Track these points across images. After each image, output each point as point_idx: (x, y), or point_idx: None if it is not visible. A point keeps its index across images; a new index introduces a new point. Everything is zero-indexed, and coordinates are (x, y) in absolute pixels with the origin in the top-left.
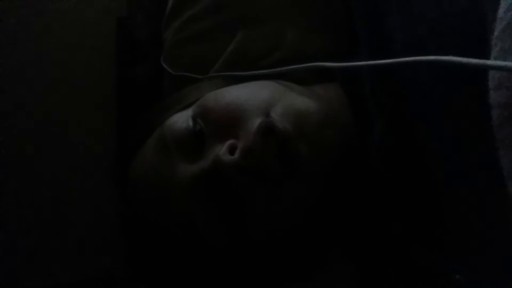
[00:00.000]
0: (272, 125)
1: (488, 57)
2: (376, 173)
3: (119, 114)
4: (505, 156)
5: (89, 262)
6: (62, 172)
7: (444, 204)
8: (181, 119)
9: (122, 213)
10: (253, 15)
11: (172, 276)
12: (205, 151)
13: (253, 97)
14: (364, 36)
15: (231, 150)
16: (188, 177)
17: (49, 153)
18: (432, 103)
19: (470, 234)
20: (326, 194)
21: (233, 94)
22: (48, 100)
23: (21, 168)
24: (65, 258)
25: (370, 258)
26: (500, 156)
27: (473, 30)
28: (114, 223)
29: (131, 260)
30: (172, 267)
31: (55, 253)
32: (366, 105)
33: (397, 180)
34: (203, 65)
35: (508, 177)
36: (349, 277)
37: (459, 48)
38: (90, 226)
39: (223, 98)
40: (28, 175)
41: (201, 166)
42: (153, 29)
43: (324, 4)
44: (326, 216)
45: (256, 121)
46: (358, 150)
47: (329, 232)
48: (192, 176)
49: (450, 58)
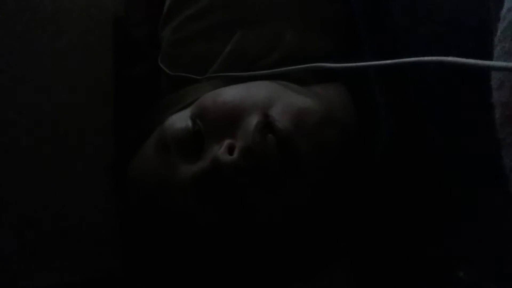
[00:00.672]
0: (271, 123)
1: (490, 57)
2: (380, 172)
3: (117, 114)
4: (507, 155)
5: (89, 262)
6: (61, 172)
7: (448, 203)
8: (180, 120)
9: (122, 213)
10: (252, 15)
11: (172, 276)
12: (204, 151)
13: (251, 97)
14: (366, 36)
15: (230, 150)
16: (188, 177)
17: (47, 152)
18: (437, 103)
19: (473, 233)
20: (327, 192)
21: (231, 94)
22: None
23: (20, 168)
24: (65, 258)
25: (372, 257)
26: (503, 155)
27: (477, 29)
28: (114, 223)
29: (130, 260)
30: (172, 267)
31: (55, 253)
32: (370, 105)
33: (403, 179)
34: (201, 65)
35: (511, 176)
36: (350, 276)
37: (462, 48)
38: (90, 226)
39: (221, 97)
40: (27, 175)
41: (200, 166)
42: (150, 29)
43: (322, 4)
44: (327, 215)
45: (254, 120)
46: (361, 149)
47: (330, 231)
48: (191, 176)
49: (451, 58)
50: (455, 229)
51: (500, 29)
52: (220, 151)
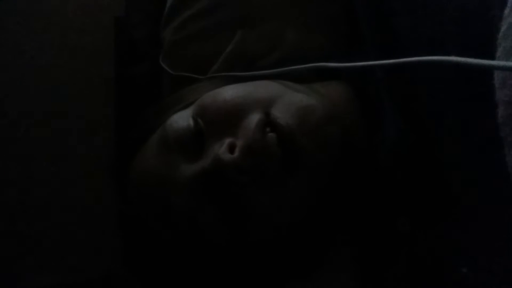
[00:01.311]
0: (272, 121)
1: (493, 56)
2: (384, 171)
3: (118, 114)
4: (509, 153)
5: (89, 262)
6: (61, 171)
7: (451, 200)
8: (181, 119)
9: (123, 212)
10: (253, 14)
11: (172, 276)
12: (205, 150)
13: (252, 96)
14: (369, 36)
15: (231, 149)
16: (189, 177)
17: (48, 152)
18: (441, 102)
19: (476, 230)
20: (328, 190)
21: (232, 93)
22: (47, 100)
23: (21, 168)
24: (65, 258)
25: (375, 254)
26: (505, 153)
27: (481, 28)
28: (114, 223)
29: (131, 259)
30: (173, 267)
31: (55, 253)
32: (374, 103)
33: (407, 177)
34: (202, 65)
35: None
36: (352, 274)
37: (465, 48)
38: (90, 226)
39: (222, 96)
40: (27, 175)
41: (202, 165)
42: (151, 28)
43: (323, 3)
44: (328, 213)
45: (255, 119)
46: (364, 147)
47: (331, 229)
48: (192, 175)
49: (454, 58)
50: (458, 226)
51: (502, 29)
52: (221, 150)
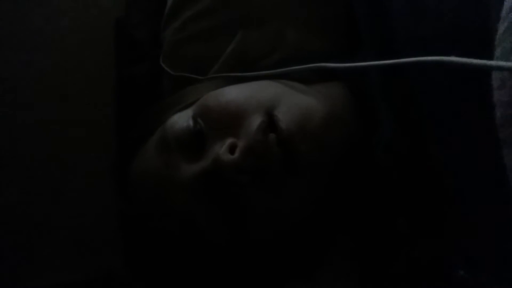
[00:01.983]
0: (275, 123)
1: (491, 57)
2: (381, 171)
3: (118, 114)
4: (509, 155)
5: (89, 262)
6: (61, 171)
7: (448, 202)
8: (182, 119)
9: (123, 212)
10: (253, 15)
11: (173, 276)
12: (205, 150)
13: (255, 96)
14: (367, 36)
15: (231, 149)
16: (189, 177)
17: (49, 152)
18: (438, 103)
19: (474, 231)
20: (328, 191)
21: (233, 93)
22: (47, 100)
23: (21, 168)
24: (65, 258)
25: (374, 254)
26: (504, 154)
27: (477, 30)
28: (114, 223)
29: (131, 259)
30: (172, 266)
31: (55, 253)
32: (371, 104)
33: (404, 177)
34: (203, 65)
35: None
36: (351, 274)
37: (462, 48)
38: (90, 226)
39: (224, 97)
40: (28, 175)
41: (202, 165)
42: (152, 29)
43: (323, 3)
44: (328, 213)
45: (257, 120)
46: (362, 148)
47: (331, 230)
48: (192, 175)
49: (452, 58)
50: (455, 227)
51: (501, 29)
52: (221, 150)
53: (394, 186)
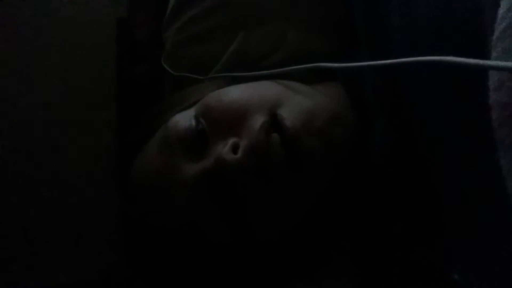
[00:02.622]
0: (279, 122)
1: (487, 58)
2: (377, 172)
3: (119, 114)
4: (505, 157)
5: (89, 262)
6: (61, 171)
7: (444, 204)
8: (184, 119)
9: (124, 212)
10: (254, 15)
11: (174, 276)
12: (208, 150)
13: (257, 96)
14: (364, 36)
15: (234, 149)
16: (191, 176)
17: (49, 152)
18: (431, 103)
19: (469, 235)
20: (330, 192)
21: (236, 93)
22: (48, 100)
23: (21, 168)
24: (65, 258)
25: (370, 257)
26: (500, 156)
27: (473, 30)
28: (114, 223)
29: (131, 259)
30: (175, 266)
31: (54, 253)
32: (367, 104)
33: (398, 179)
34: (204, 65)
35: (507, 178)
36: (350, 277)
37: (458, 48)
38: (90, 226)
39: (226, 97)
40: (28, 175)
41: (204, 165)
42: (153, 29)
43: (324, 4)
44: (329, 214)
45: (259, 120)
46: (360, 149)
47: (332, 231)
48: (195, 175)
49: (450, 58)
50: (451, 231)
51: (499, 29)
52: (224, 150)
53: (389, 187)
